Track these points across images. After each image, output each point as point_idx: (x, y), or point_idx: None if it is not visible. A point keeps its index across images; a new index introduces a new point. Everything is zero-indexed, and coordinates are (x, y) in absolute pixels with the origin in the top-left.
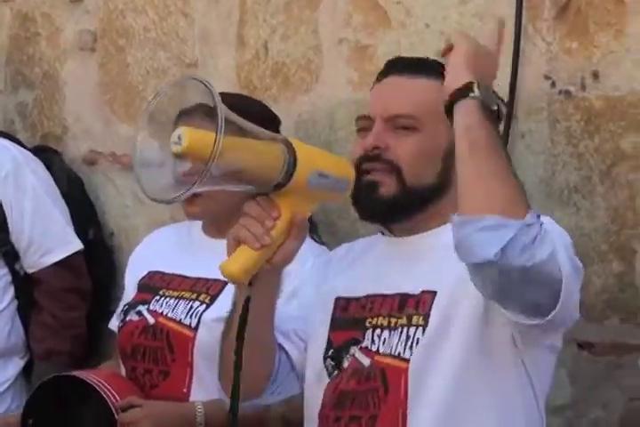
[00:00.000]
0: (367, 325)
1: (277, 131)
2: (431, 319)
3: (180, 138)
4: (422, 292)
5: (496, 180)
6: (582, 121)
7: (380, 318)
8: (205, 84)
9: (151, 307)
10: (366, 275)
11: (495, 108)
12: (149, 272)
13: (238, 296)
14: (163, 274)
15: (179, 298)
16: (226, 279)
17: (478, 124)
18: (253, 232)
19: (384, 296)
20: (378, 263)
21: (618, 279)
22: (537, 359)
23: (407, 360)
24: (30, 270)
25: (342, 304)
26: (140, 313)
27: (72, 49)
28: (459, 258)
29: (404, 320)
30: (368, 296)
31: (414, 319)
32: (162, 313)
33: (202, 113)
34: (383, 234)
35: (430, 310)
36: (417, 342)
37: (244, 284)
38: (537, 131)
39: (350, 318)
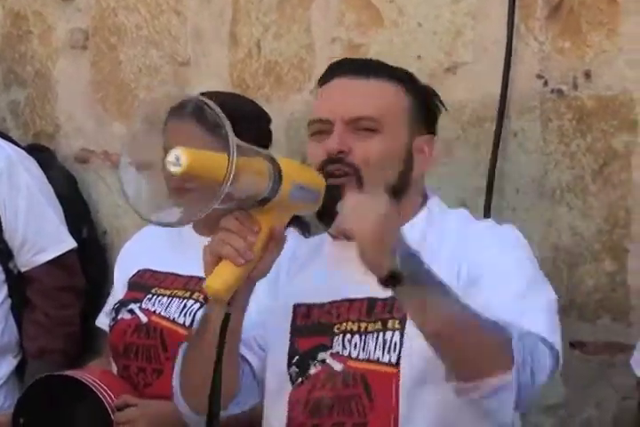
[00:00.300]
0: (335, 331)
1: (269, 129)
2: (409, 323)
3: (178, 159)
4: (393, 296)
5: (473, 343)
6: (574, 120)
7: (350, 324)
8: (217, 114)
9: (143, 305)
10: (325, 280)
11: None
12: (140, 270)
13: (212, 312)
14: (154, 272)
15: (172, 296)
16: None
17: (420, 307)
18: (236, 248)
19: (350, 301)
20: (335, 268)
21: (610, 279)
22: None
23: (390, 365)
24: (23, 269)
25: (303, 311)
26: (132, 311)
27: (64, 47)
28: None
29: (378, 325)
30: (333, 302)
31: (390, 324)
32: (154, 311)
33: (191, 114)
34: (334, 237)
35: (406, 313)
36: (395, 346)
37: (224, 300)
38: (529, 130)
39: (314, 324)
